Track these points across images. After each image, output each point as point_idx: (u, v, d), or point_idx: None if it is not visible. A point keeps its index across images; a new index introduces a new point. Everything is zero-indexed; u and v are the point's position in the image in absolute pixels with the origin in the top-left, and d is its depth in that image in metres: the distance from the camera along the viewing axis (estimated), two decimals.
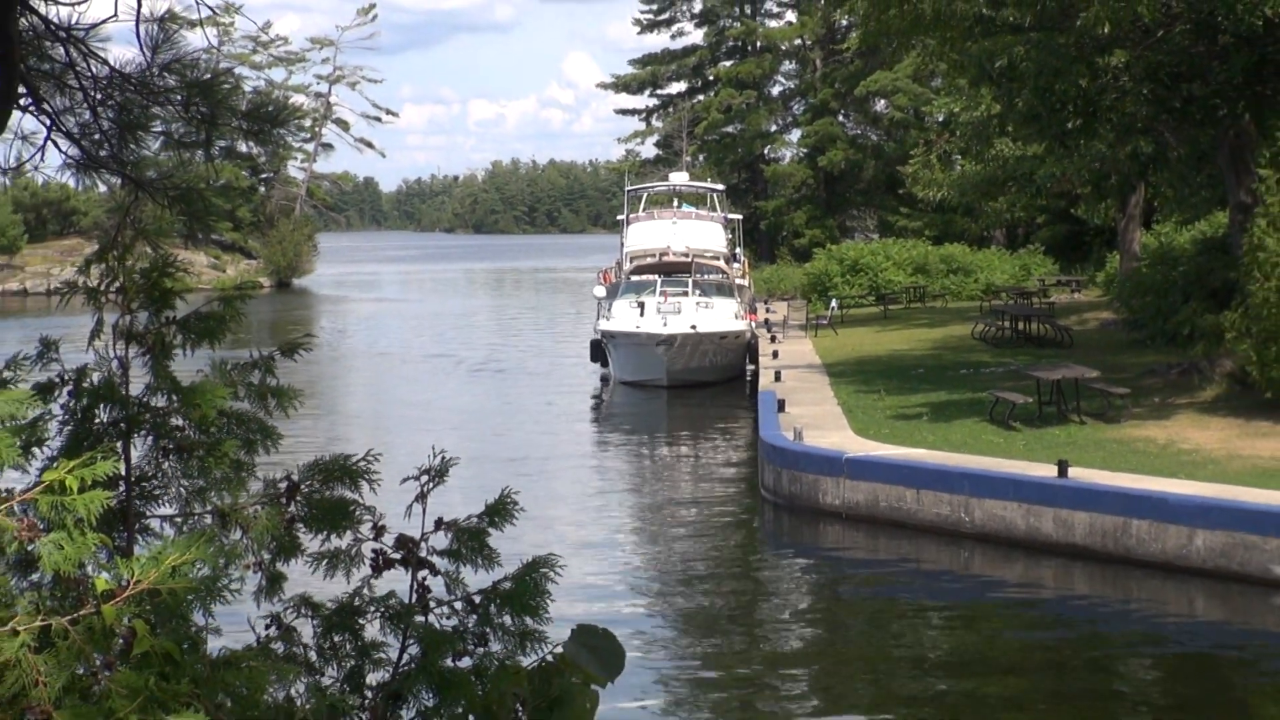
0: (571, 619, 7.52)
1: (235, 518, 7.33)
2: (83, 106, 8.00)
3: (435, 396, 58.22)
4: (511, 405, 55.30)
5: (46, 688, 5.49)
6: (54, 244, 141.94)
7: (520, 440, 45.27)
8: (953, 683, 22.31)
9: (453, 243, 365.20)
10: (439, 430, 43.44)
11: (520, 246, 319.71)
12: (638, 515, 35.09)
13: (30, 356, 7.22)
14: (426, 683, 7.10)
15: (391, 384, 63.63)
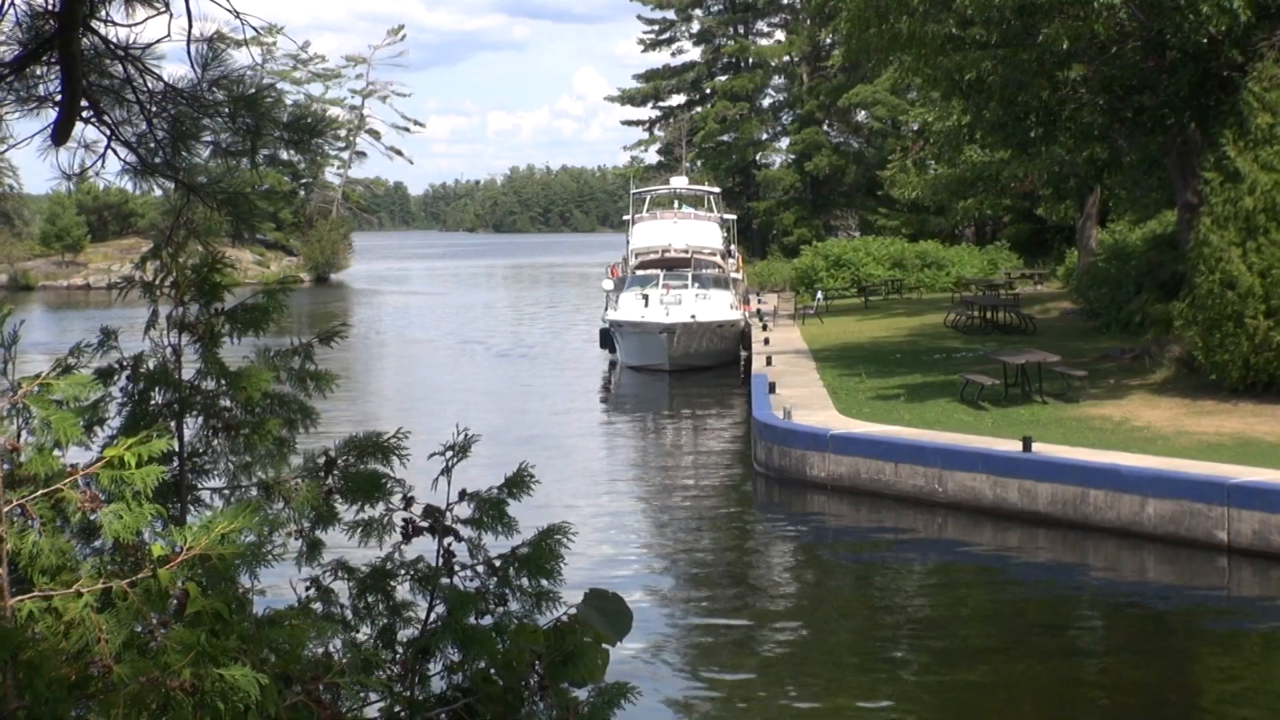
0: (583, 582, 7.51)
1: (278, 490, 7.34)
2: (139, 118, 7.98)
3: (459, 379, 58.19)
4: (528, 387, 55.32)
5: (108, 644, 5.49)
6: (114, 243, 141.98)
7: (536, 419, 45.28)
8: (926, 635, 22.35)
9: (474, 241, 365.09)
10: (462, 410, 43.40)
11: (536, 244, 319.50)
12: (643, 487, 35.10)
13: (92, 344, 7.22)
14: (452, 639, 7.10)
15: (420, 368, 63.60)
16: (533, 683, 7.00)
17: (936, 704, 19.10)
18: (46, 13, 7.42)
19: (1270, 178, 32.70)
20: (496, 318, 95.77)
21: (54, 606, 5.56)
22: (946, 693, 19.49)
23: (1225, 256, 32.75)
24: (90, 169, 8.17)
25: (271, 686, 5.59)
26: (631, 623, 7.33)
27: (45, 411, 5.86)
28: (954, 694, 19.45)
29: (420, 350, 72.52)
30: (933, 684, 19.81)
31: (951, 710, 18.92)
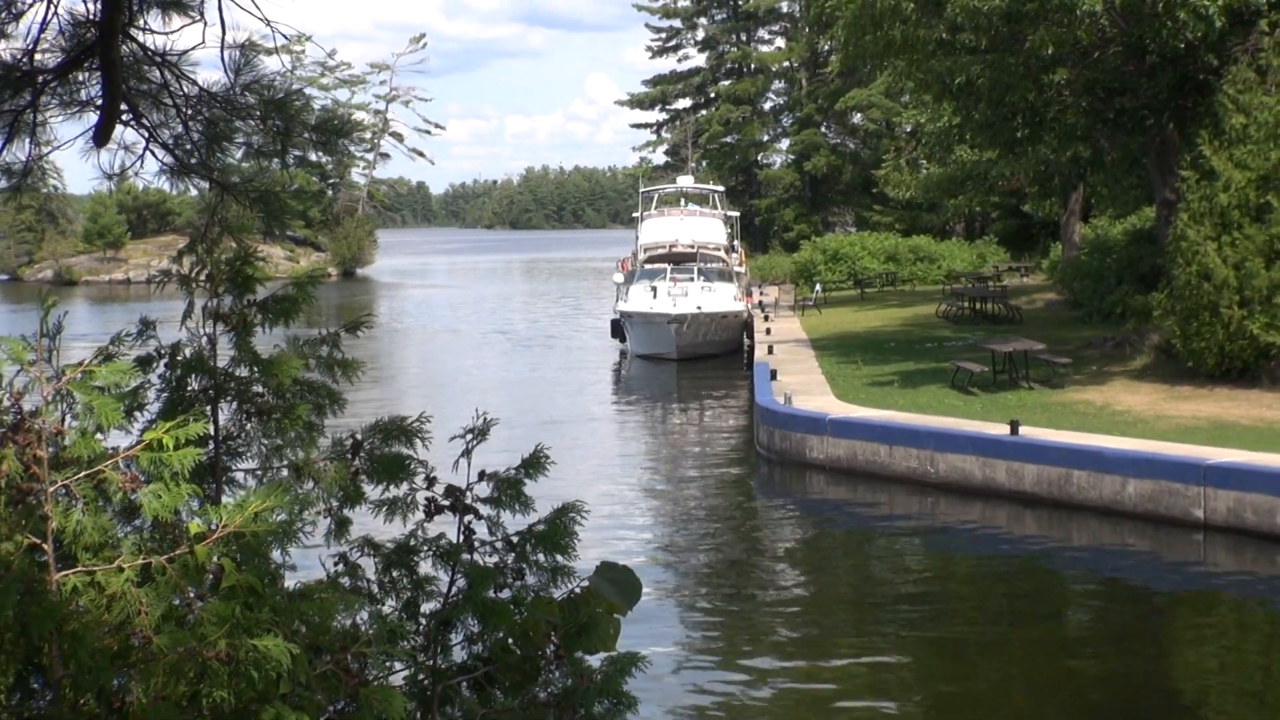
0: (595, 556, 7.51)
1: (308, 471, 7.34)
2: (176, 121, 7.99)
3: (478, 367, 58.21)
4: (543, 374, 55.35)
5: (148, 616, 5.50)
6: (153, 240, 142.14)
7: (551, 404, 45.31)
8: (918, 605, 22.40)
9: (492, 238, 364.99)
10: (481, 395, 43.37)
11: (550, 240, 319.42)
12: (652, 468, 35.13)
13: (132, 334, 7.22)
14: (472, 611, 7.11)
15: (441, 356, 63.67)
16: (549, 652, 7.01)
17: (927, 667, 19.13)
18: (88, 21, 7.42)
19: (1244, 175, 32.70)
20: (513, 309, 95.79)
21: (97, 581, 5.56)
22: (937, 657, 19.52)
23: (1201, 250, 32.77)
24: (130, 169, 8.18)
25: (302, 656, 5.59)
26: (641, 593, 7.34)
27: (88, 397, 5.86)
28: (944, 658, 19.48)
29: (441, 340, 72.62)
30: (924, 649, 19.84)
31: (942, 671, 18.94)
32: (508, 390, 49.21)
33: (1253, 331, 32.04)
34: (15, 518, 5.56)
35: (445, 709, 6.98)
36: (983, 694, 18.38)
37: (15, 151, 7.75)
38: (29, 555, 5.51)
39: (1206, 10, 32.40)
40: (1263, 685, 18.65)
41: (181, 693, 5.42)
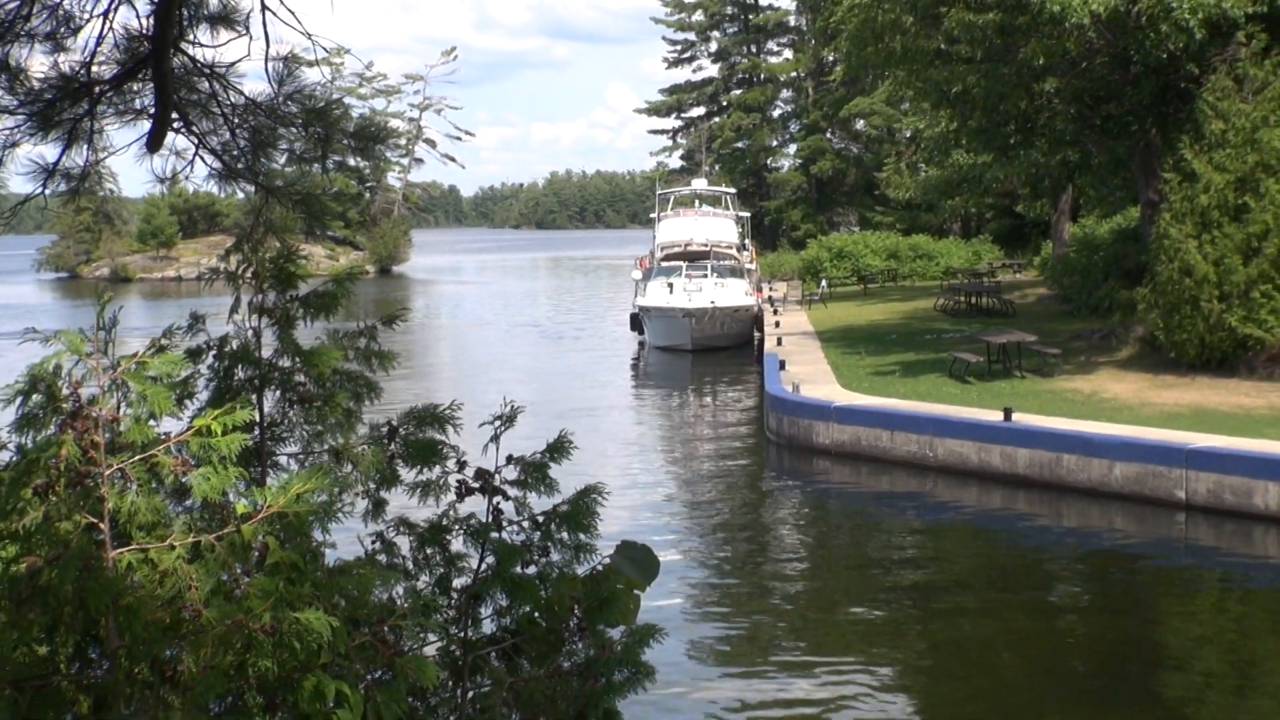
0: (616, 534, 7.51)
1: (347, 455, 7.35)
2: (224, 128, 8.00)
3: (506, 358, 58.20)
4: (567, 365, 55.33)
5: (197, 591, 5.51)
6: (202, 239, 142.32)
7: (574, 393, 45.28)
8: (918, 578, 22.40)
9: (519, 237, 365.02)
10: (509, 384, 43.46)
11: (573, 239, 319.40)
12: (668, 452, 35.13)
13: (183, 328, 7.24)
14: (501, 586, 7.11)
15: (472, 348, 63.69)
16: (572, 625, 7.02)
17: (925, 636, 19.11)
18: (141, 36, 7.43)
19: (1223, 178, 32.72)
20: (539, 304, 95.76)
21: (150, 558, 5.57)
22: (934, 626, 19.50)
23: (1183, 247, 32.81)
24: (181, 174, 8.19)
25: (341, 628, 5.60)
26: (659, 570, 7.35)
27: (141, 386, 5.87)
28: (940, 627, 19.46)
29: (472, 332, 72.65)
30: (923, 620, 19.83)
31: (938, 639, 18.93)
32: (534, 380, 49.20)
33: (1231, 324, 32.13)
34: (74, 499, 5.56)
35: (475, 678, 6.99)
36: (975, 656, 18.39)
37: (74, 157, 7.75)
38: (87, 534, 5.52)
39: (1187, 23, 32.38)
40: (1239, 652, 18.65)
41: (229, 662, 5.43)
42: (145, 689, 5.65)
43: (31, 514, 5.50)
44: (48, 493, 5.55)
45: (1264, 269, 31.93)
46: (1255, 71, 33.51)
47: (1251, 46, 33.68)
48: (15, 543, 5.48)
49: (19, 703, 5.51)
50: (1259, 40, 33.69)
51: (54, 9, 7.33)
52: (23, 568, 5.43)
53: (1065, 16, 32.53)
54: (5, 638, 5.49)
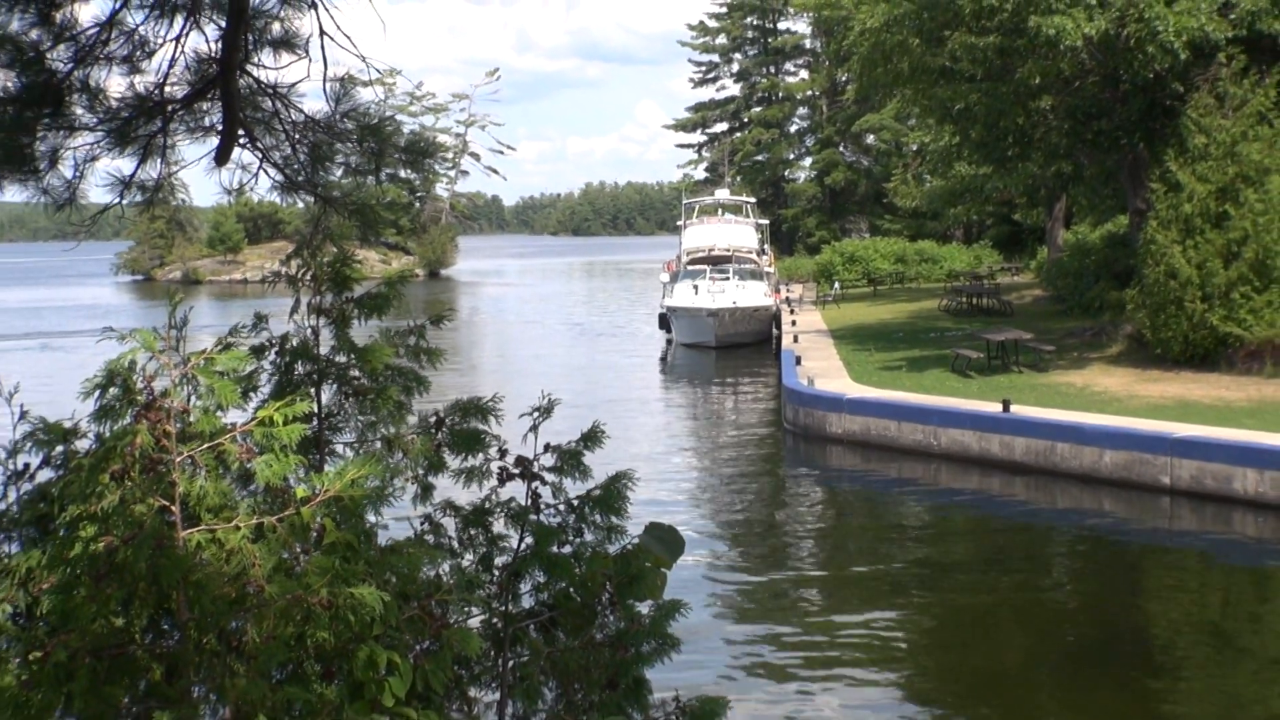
0: (644, 517, 7.52)
1: (398, 444, 7.36)
2: (285, 144, 8.01)
3: (544, 354, 58.22)
4: (601, 360, 55.31)
5: (261, 568, 5.52)
6: (266, 245, 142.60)
7: (607, 386, 45.28)
8: (922, 555, 22.43)
9: (557, 243, 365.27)
10: (547, 378, 43.42)
11: (606, 245, 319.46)
12: (693, 441, 35.12)
13: (247, 326, 7.25)
14: (539, 564, 7.12)
15: (513, 345, 63.74)
16: (604, 599, 7.02)
17: (927, 609, 19.11)
18: (210, 59, 7.45)
19: (1205, 188, 32.73)
20: (575, 304, 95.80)
21: (217, 538, 5.59)
22: (936, 600, 19.49)
23: (1168, 252, 32.83)
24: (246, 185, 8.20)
25: (392, 603, 5.61)
26: (684, 549, 7.36)
27: (210, 380, 5.89)
28: (942, 601, 19.46)
29: (514, 330, 72.72)
30: (926, 594, 19.82)
31: (940, 610, 18.92)
32: (570, 374, 49.20)
33: (1213, 323, 32.17)
34: (148, 483, 5.58)
35: (515, 648, 7.00)
36: (973, 624, 18.43)
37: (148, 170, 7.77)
38: (160, 516, 5.54)
39: (1172, 45, 32.35)
40: (1219, 623, 18.67)
41: (289, 633, 5.45)
42: (213, 658, 5.68)
43: (109, 497, 5.52)
44: (124, 478, 5.57)
45: (1243, 272, 31.97)
46: (1235, 90, 33.49)
47: (1231, 67, 33.67)
48: (94, 523, 5.50)
49: (98, 670, 5.54)
50: (1238, 61, 33.69)
51: (130, 34, 7.35)
52: (101, 546, 5.45)
53: (1060, 39, 32.51)
54: (85, 610, 5.51)
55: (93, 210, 7.83)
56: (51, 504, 6.21)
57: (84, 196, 7.62)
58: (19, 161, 7.25)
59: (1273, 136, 32.90)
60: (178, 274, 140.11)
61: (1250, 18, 33.23)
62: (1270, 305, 31.90)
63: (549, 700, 6.86)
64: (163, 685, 5.78)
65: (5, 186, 7.37)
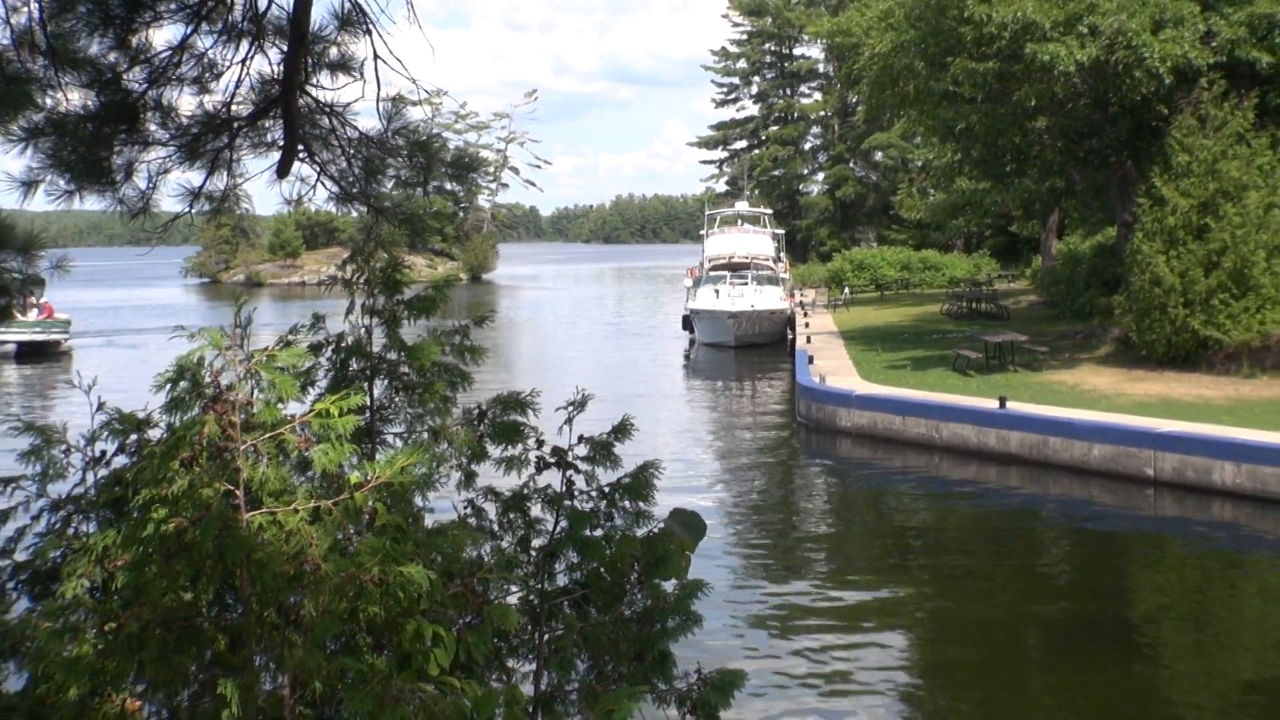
0: (669, 503, 7.51)
1: (443, 434, 7.36)
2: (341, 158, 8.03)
3: (578, 351, 58.24)
4: (629, 358, 55.32)
5: (317, 548, 5.53)
6: (322, 251, 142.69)
7: (635, 382, 45.26)
8: (924, 539, 22.40)
9: (589, 250, 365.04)
10: (580, 374, 43.46)
11: (634, 252, 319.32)
12: (714, 433, 35.08)
13: (306, 326, 7.28)
14: (572, 546, 7.13)
15: (549, 344, 63.75)
16: (632, 579, 7.03)
17: (929, 590, 19.08)
18: (272, 80, 7.47)
19: (1188, 202, 32.68)
20: (606, 307, 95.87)
21: (277, 520, 5.60)
22: (937, 579, 19.47)
23: (1153, 262, 32.81)
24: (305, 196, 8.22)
25: (438, 580, 5.62)
26: (706, 532, 7.37)
27: (271, 375, 5.90)
28: (942, 580, 19.43)
29: (549, 330, 72.76)
30: (927, 576, 19.80)
31: (940, 590, 18.89)
32: (601, 371, 49.21)
33: (1194, 327, 32.17)
34: (214, 469, 5.60)
35: (550, 623, 7.00)
36: (970, 602, 18.39)
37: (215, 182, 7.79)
38: (225, 499, 5.55)
39: (1157, 70, 32.32)
40: (1197, 603, 18.61)
41: (343, 608, 5.46)
42: (273, 630, 5.69)
43: (179, 482, 5.53)
44: (193, 464, 5.58)
45: (1222, 280, 31.92)
46: (1215, 112, 33.41)
47: (1213, 91, 33.62)
48: (165, 506, 5.52)
49: (167, 640, 5.55)
50: (1219, 85, 33.64)
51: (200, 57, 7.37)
52: (171, 527, 5.46)
53: (1054, 65, 32.47)
54: (156, 586, 5.53)
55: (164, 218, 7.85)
56: (126, 488, 6.23)
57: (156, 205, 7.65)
58: (98, 173, 7.28)
59: (1250, 155, 32.85)
60: (241, 277, 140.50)
61: (1230, 45, 33.17)
62: (1247, 311, 31.89)
63: (581, 671, 6.87)
64: (227, 655, 5.81)
65: (84, 196, 7.39)
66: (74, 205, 7.41)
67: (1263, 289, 31.89)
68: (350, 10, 7.51)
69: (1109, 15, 32.37)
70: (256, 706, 5.58)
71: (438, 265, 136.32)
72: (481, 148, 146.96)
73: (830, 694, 14.94)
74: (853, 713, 14.26)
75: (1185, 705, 14.54)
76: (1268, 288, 31.90)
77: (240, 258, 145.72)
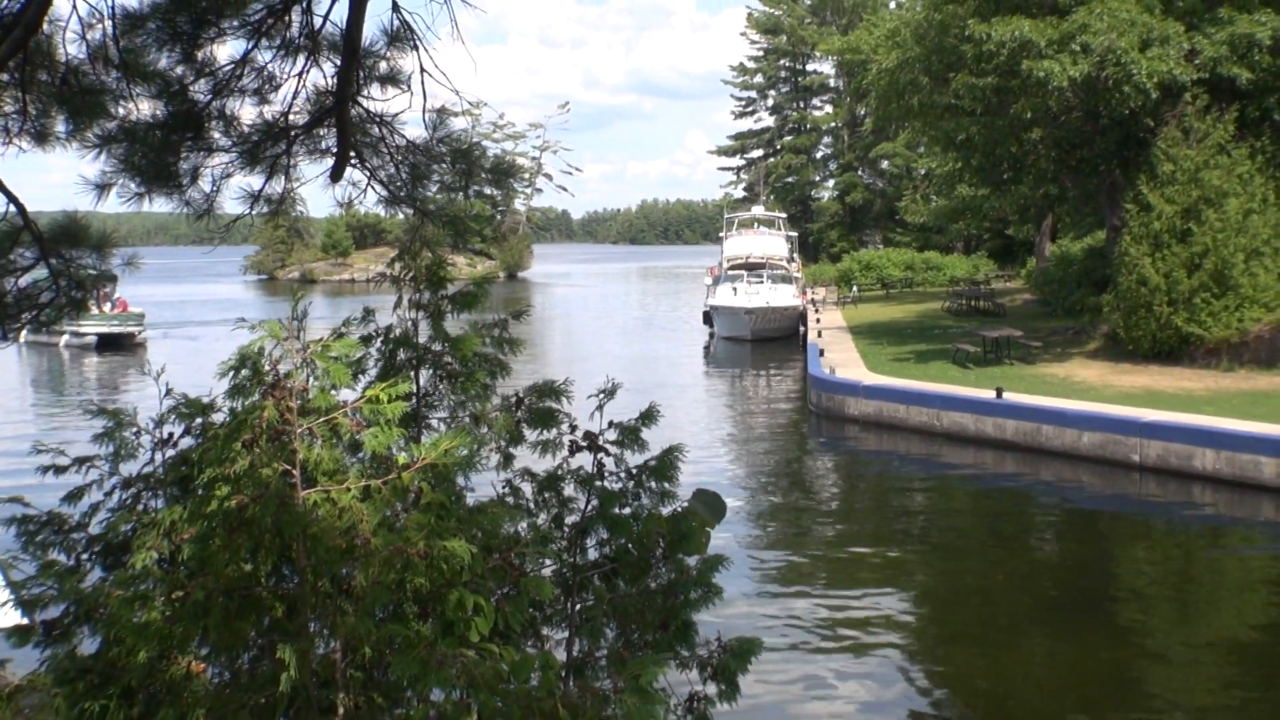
0: (692, 484, 7.51)
1: (484, 419, 7.36)
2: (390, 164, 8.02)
3: (607, 343, 58.33)
4: (654, 350, 55.38)
5: (367, 523, 5.54)
6: (371, 250, 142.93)
7: (659, 372, 45.29)
8: (925, 518, 22.42)
9: (617, 250, 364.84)
10: (609, 364, 43.38)
11: (658, 253, 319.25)
12: (732, 420, 35.09)
13: (357, 319, 7.28)
14: (602, 523, 7.11)
15: (580, 336, 63.82)
16: (658, 554, 7.01)
17: (930, 563, 19.09)
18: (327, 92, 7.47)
19: (1172, 208, 32.64)
20: (632, 303, 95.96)
21: (331, 497, 5.60)
22: (937, 555, 19.49)
23: (1140, 263, 32.77)
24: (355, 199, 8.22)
25: (479, 554, 5.62)
26: (726, 511, 7.35)
27: (325, 364, 5.90)
28: (942, 556, 19.45)
29: (580, 324, 72.84)
30: (928, 549, 19.81)
31: (940, 566, 18.90)
32: (628, 362, 49.22)
33: (1177, 324, 32.16)
34: (273, 451, 5.60)
35: (581, 594, 7.00)
36: (968, 576, 18.44)
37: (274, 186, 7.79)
38: (283, 478, 5.56)
39: (1145, 86, 32.24)
40: (1180, 578, 18.65)
41: (391, 579, 5.46)
42: (326, 599, 5.70)
43: (240, 462, 5.54)
44: (253, 446, 5.59)
45: (1204, 280, 31.87)
46: (1198, 125, 33.31)
47: (1196, 105, 33.52)
48: (228, 484, 5.53)
49: (229, 607, 5.57)
50: (1201, 100, 33.55)
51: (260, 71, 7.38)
52: (233, 504, 5.48)
53: (1048, 80, 32.44)
54: (219, 557, 5.54)
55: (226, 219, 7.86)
56: (191, 467, 6.25)
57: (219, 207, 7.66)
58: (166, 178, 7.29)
59: (1230, 165, 32.75)
60: (296, 274, 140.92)
61: (1212, 63, 33.07)
62: (1227, 309, 31.85)
63: (610, 639, 6.86)
64: (284, 621, 5.82)
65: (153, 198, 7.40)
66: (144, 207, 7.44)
67: (1241, 289, 31.84)
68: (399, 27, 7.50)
69: (1100, 35, 32.29)
70: (311, 669, 5.59)
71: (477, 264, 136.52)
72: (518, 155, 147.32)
73: (840, 652, 14.98)
74: (859, 674, 14.28)
75: (1166, 668, 14.53)
76: (1246, 288, 31.86)
77: (295, 256, 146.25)
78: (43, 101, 6.81)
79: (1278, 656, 15.21)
